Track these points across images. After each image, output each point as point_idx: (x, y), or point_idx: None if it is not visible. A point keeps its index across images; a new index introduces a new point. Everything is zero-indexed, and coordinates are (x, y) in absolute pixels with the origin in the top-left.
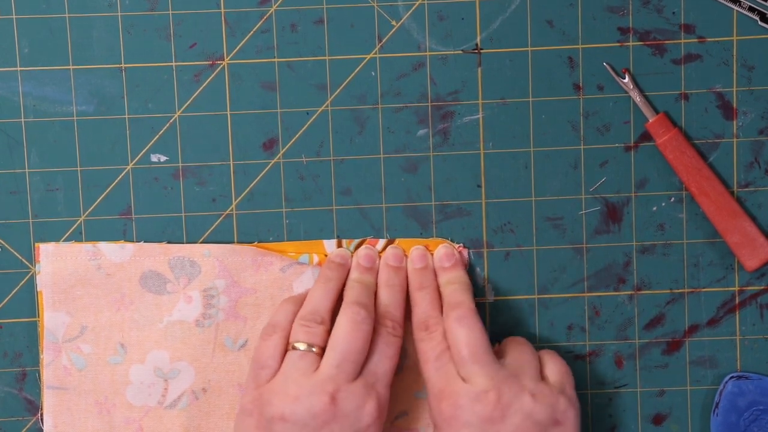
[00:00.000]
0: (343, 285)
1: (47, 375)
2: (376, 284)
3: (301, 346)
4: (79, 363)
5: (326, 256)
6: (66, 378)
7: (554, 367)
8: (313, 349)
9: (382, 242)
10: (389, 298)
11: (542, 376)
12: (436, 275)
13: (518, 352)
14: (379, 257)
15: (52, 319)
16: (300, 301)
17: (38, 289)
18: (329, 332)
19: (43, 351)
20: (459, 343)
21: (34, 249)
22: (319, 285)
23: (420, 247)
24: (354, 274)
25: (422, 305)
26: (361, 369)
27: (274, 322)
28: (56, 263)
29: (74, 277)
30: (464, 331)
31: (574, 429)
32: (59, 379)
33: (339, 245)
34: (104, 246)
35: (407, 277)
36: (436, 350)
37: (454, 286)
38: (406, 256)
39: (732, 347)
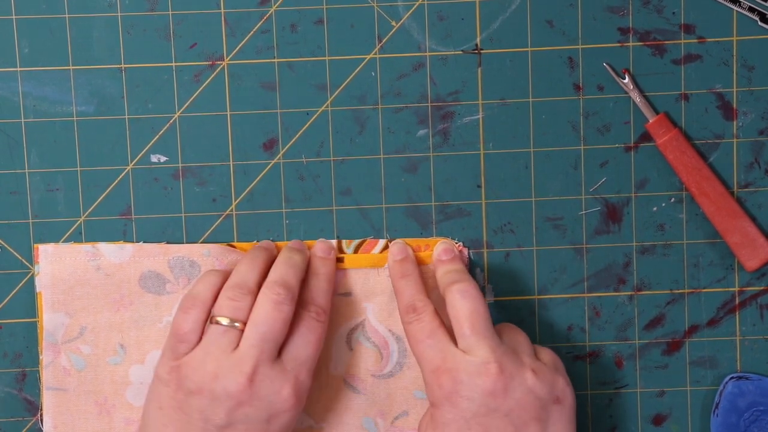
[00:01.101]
0: (269, 266)
1: (46, 376)
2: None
3: (224, 321)
4: (78, 364)
5: None
6: (65, 379)
7: (546, 353)
8: (236, 325)
9: (382, 242)
10: (315, 285)
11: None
12: (418, 266)
13: (512, 334)
14: (309, 248)
15: (51, 320)
16: (224, 274)
17: (37, 290)
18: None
19: (42, 352)
20: (461, 315)
21: (33, 249)
22: (245, 260)
23: (399, 242)
24: (283, 252)
25: (407, 291)
26: (280, 352)
27: (195, 294)
28: (55, 264)
29: (73, 278)
30: (467, 302)
31: (572, 409)
32: (59, 379)
33: (339, 246)
34: (103, 246)
35: (334, 269)
36: (427, 329)
37: (453, 273)
38: (333, 249)
39: (732, 348)
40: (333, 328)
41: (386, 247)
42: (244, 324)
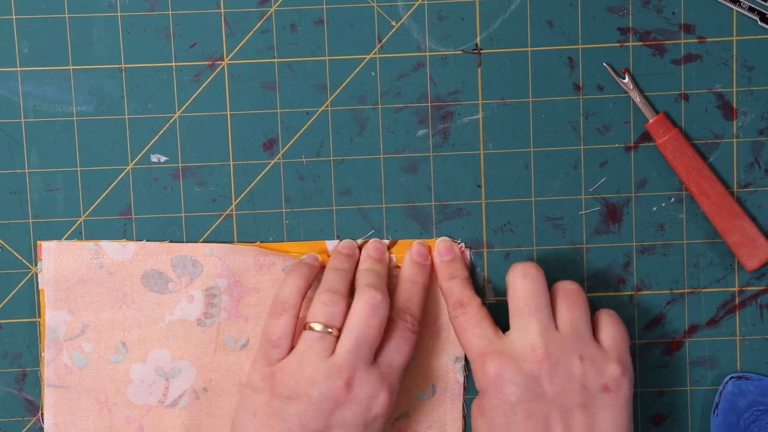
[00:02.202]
0: (353, 277)
1: (48, 373)
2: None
3: (318, 327)
4: (80, 361)
5: (329, 256)
6: (67, 376)
7: (610, 331)
8: (330, 331)
9: (384, 243)
10: (412, 294)
11: (597, 339)
12: (466, 266)
13: (570, 311)
14: (388, 251)
15: (53, 318)
16: (306, 275)
17: (40, 288)
18: (346, 314)
19: (44, 349)
20: (518, 293)
21: (34, 249)
22: (330, 271)
23: (446, 239)
24: (365, 264)
25: (455, 290)
26: (376, 357)
27: (283, 299)
28: (58, 261)
29: (76, 276)
30: (528, 283)
31: (625, 398)
32: (60, 377)
33: None
34: (106, 245)
35: (431, 274)
36: (474, 319)
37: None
38: (430, 252)
39: (732, 347)
40: None
41: (388, 248)
42: (339, 330)
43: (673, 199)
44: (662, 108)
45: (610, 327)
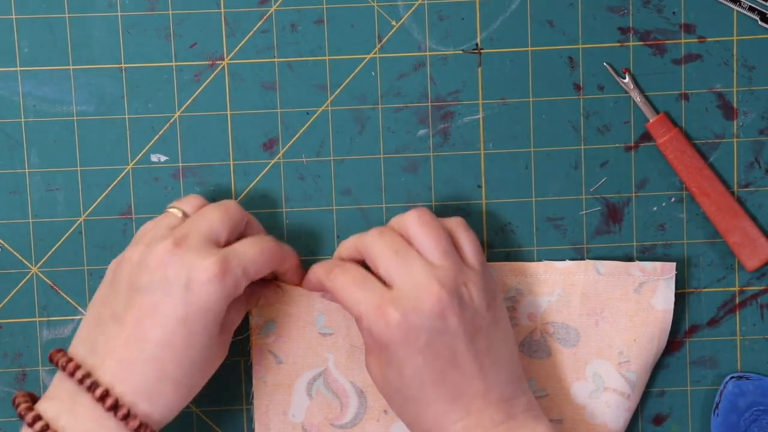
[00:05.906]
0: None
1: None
2: None
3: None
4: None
5: None
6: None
7: (470, 247)
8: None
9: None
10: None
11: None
12: None
13: (436, 241)
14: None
15: None
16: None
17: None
18: None
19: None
20: (377, 244)
21: (34, 249)
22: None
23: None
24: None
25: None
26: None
27: None
28: None
29: None
30: (385, 234)
31: (502, 308)
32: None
33: None
34: None
35: None
36: (358, 277)
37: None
38: None
39: (732, 347)
40: (293, 375)
41: None
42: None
43: (673, 199)
44: (662, 108)
45: (468, 243)
